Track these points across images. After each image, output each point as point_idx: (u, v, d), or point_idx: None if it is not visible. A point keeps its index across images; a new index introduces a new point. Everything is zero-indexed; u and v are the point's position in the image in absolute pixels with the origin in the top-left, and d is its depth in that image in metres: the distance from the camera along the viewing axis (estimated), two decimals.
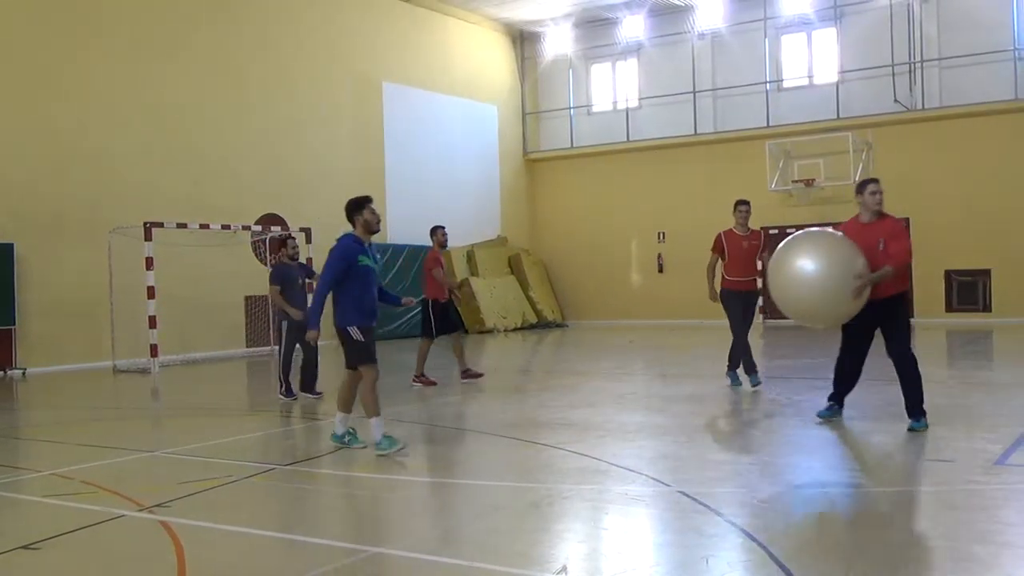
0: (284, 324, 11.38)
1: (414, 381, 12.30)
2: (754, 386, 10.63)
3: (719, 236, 10.78)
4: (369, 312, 7.67)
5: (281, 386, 11.39)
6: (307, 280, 11.78)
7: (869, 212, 8.01)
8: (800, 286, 7.73)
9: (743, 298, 10.74)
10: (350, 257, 7.63)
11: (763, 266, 10.47)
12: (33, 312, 16.25)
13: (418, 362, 12.38)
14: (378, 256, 8.02)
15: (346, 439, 7.80)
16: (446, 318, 12.54)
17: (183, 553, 4.98)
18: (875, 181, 8.06)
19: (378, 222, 7.81)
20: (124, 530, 5.60)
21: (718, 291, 10.81)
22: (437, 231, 13.21)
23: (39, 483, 7.03)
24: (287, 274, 11.41)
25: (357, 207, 7.79)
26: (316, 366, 11.56)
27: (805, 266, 7.68)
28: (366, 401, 7.55)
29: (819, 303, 7.73)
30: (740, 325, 10.67)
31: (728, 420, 9.39)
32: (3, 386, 14.62)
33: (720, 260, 10.77)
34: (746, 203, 10.84)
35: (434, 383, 12.24)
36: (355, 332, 7.57)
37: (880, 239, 7.75)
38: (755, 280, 10.91)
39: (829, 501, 5.66)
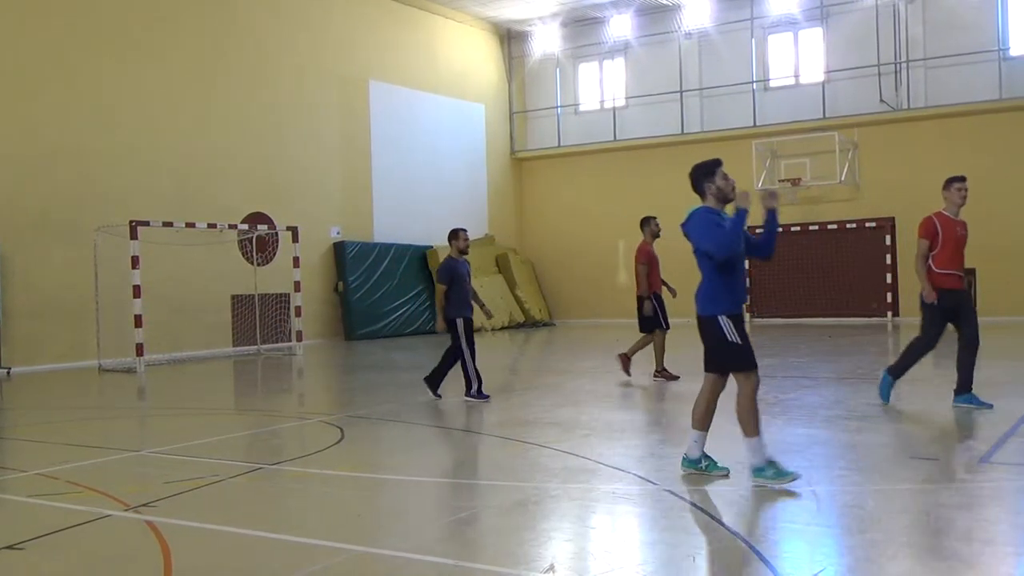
0: (459, 321, 10.41)
1: (655, 376, 11.86)
2: (977, 406, 8.76)
3: (931, 219, 8.82)
4: (739, 297, 6.24)
5: (471, 388, 10.39)
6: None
7: None
8: None
9: (956, 298, 8.78)
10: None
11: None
12: (18, 312, 16.15)
13: (657, 357, 11.88)
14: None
15: (702, 464, 6.32)
16: (664, 312, 11.92)
17: (169, 553, 4.96)
18: None
19: (733, 189, 6.28)
20: (109, 530, 5.57)
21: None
22: (650, 221, 11.95)
23: (24, 483, 6.98)
24: (456, 270, 10.43)
25: (707, 173, 6.29)
26: (449, 368, 10.66)
27: None
28: (744, 416, 6.12)
29: None
30: (939, 332, 8.84)
31: (715, 419, 9.40)
32: None
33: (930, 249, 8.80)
34: (964, 179, 8.90)
35: (676, 377, 11.70)
36: (726, 324, 6.11)
37: None
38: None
39: (815, 499, 5.68)
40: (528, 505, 5.86)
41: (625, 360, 12.15)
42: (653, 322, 11.98)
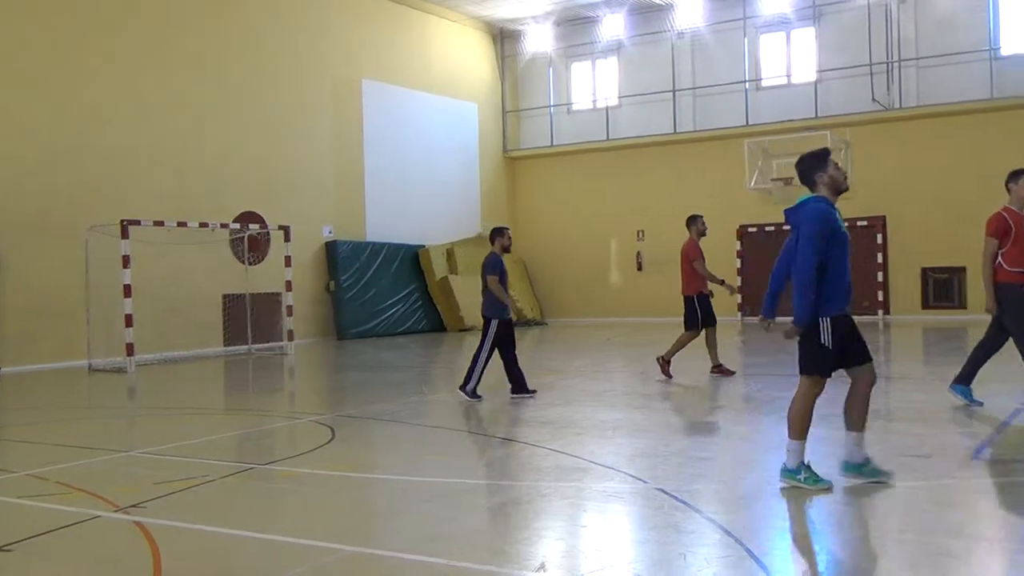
0: (494, 322, 10.43)
1: (659, 360, 11.83)
2: (969, 402, 8.71)
3: (1001, 216, 8.34)
4: (847, 294, 5.92)
5: (469, 383, 10.36)
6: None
7: None
8: None
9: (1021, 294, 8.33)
10: (831, 223, 5.92)
11: None
12: (8, 311, 16.07)
13: (673, 348, 11.88)
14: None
15: (866, 469, 5.93)
16: (711, 311, 11.96)
17: (159, 554, 4.93)
18: None
19: (846, 179, 6.08)
20: (99, 531, 5.55)
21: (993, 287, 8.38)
22: (697, 220, 12.19)
23: (13, 484, 6.94)
24: (503, 265, 10.52)
25: (820, 162, 6.10)
26: (518, 364, 10.72)
27: None
28: (794, 418, 5.87)
29: None
30: None
31: (706, 417, 9.41)
32: None
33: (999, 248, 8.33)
34: None
35: (671, 377, 11.69)
36: (825, 326, 5.82)
37: None
38: None
39: (806, 497, 5.67)
40: (520, 504, 5.85)
41: (720, 370, 11.94)
42: (693, 320, 11.94)
